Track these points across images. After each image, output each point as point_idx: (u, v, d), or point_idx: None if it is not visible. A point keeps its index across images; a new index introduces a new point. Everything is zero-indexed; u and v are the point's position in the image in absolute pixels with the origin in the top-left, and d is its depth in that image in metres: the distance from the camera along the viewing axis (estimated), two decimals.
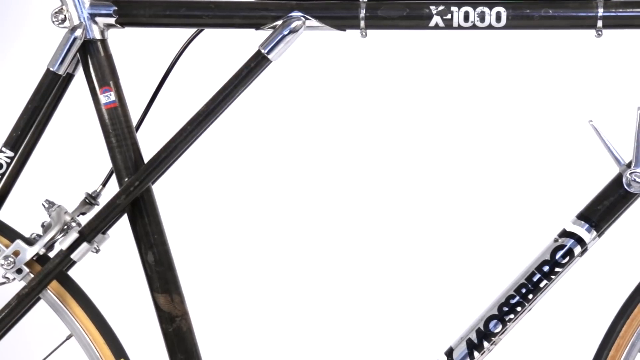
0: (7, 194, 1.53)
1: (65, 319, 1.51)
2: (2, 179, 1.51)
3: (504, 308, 1.44)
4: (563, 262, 1.43)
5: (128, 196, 1.47)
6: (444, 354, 1.47)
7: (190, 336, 1.51)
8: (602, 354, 1.45)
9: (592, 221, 1.42)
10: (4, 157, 1.51)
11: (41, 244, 1.49)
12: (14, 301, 1.48)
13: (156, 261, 1.50)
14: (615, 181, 1.42)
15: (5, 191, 1.53)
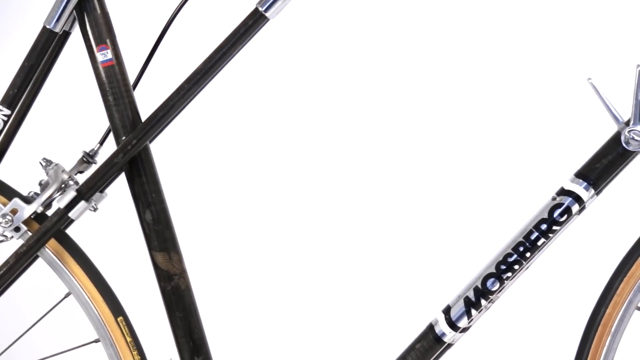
0: (4, 152, 1.53)
1: (64, 277, 1.51)
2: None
3: (502, 266, 1.44)
4: (561, 221, 1.43)
5: (126, 155, 1.47)
6: (442, 311, 1.47)
7: (188, 294, 1.52)
8: (599, 312, 1.45)
9: (590, 179, 1.42)
10: (0, 115, 1.50)
11: (39, 202, 1.49)
12: (12, 259, 1.48)
13: (154, 220, 1.50)
14: (614, 139, 1.42)
15: (2, 149, 1.52)
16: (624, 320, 1.44)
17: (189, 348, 1.51)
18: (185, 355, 1.51)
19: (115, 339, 1.51)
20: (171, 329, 1.52)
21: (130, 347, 1.52)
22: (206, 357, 1.52)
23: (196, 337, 1.51)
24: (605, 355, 1.45)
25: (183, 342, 1.51)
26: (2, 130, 1.50)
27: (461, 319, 1.45)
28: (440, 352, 1.48)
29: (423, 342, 1.47)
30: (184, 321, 1.51)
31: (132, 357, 1.52)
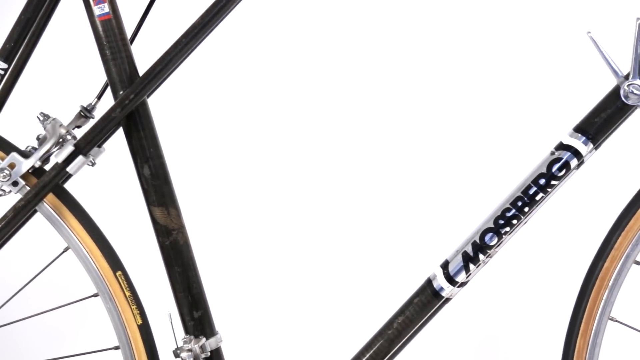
0: (1, 107, 1.52)
1: (62, 231, 1.52)
2: None
3: (500, 221, 1.45)
4: (559, 175, 1.43)
5: (123, 109, 1.47)
6: (440, 266, 1.47)
7: (186, 249, 1.52)
8: (597, 266, 1.46)
9: (588, 134, 1.42)
10: None
11: (37, 157, 1.48)
12: (10, 214, 1.48)
13: (152, 175, 1.50)
14: (613, 93, 1.41)
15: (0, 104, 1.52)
16: (622, 274, 1.44)
17: (188, 303, 1.51)
18: (184, 309, 1.52)
19: (114, 293, 1.52)
20: (170, 283, 1.52)
21: (129, 301, 1.52)
22: (205, 311, 1.52)
23: (195, 292, 1.52)
24: (602, 309, 1.46)
25: (182, 296, 1.52)
26: None
27: (459, 274, 1.46)
28: (439, 306, 1.48)
29: (421, 297, 1.48)
30: (182, 276, 1.51)
31: (131, 312, 1.52)
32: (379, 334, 1.50)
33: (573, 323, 1.48)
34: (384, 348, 1.49)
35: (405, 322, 1.49)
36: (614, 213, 1.47)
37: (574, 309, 1.48)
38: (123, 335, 1.53)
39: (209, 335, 1.52)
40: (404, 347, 1.50)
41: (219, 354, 1.54)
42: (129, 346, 1.53)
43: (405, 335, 1.49)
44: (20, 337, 2.36)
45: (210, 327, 1.53)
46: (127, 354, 1.53)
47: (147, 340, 1.53)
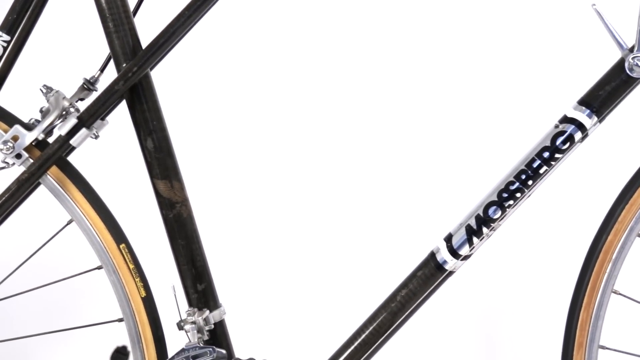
0: (4, 79, 1.52)
1: (66, 204, 1.52)
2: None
3: (504, 194, 1.45)
4: (563, 148, 1.43)
5: (126, 82, 1.46)
6: (443, 240, 1.48)
7: (190, 222, 1.52)
8: (600, 239, 1.46)
9: (593, 107, 1.41)
10: (0, 41, 1.49)
11: (40, 129, 1.48)
12: (14, 186, 1.49)
13: (155, 147, 1.49)
14: (618, 66, 1.41)
15: (2, 76, 1.52)
16: (625, 247, 1.45)
17: (192, 275, 1.52)
18: (188, 282, 1.52)
19: (118, 265, 1.52)
20: (173, 256, 1.53)
21: (133, 274, 1.53)
22: (209, 284, 1.52)
23: (198, 264, 1.52)
24: (606, 282, 1.46)
25: (185, 269, 1.52)
26: (1, 57, 1.50)
27: (463, 247, 1.46)
28: (442, 279, 1.48)
29: (424, 270, 1.48)
30: (186, 249, 1.51)
31: (135, 284, 1.52)
32: (382, 307, 1.51)
33: (576, 296, 1.48)
34: (387, 321, 1.50)
35: (408, 295, 1.49)
36: (617, 186, 1.47)
37: (577, 282, 1.48)
38: (127, 308, 1.53)
39: (212, 307, 1.52)
40: (407, 320, 1.51)
41: (222, 327, 1.54)
42: (133, 318, 1.53)
43: (408, 309, 1.49)
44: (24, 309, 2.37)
45: (213, 299, 1.53)
46: (130, 326, 1.54)
47: (150, 313, 1.54)
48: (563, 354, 1.50)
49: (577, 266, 1.48)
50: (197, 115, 2.68)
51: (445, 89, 2.60)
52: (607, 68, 1.42)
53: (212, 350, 1.47)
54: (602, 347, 1.49)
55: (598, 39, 1.61)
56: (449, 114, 2.61)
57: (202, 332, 1.49)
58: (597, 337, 1.48)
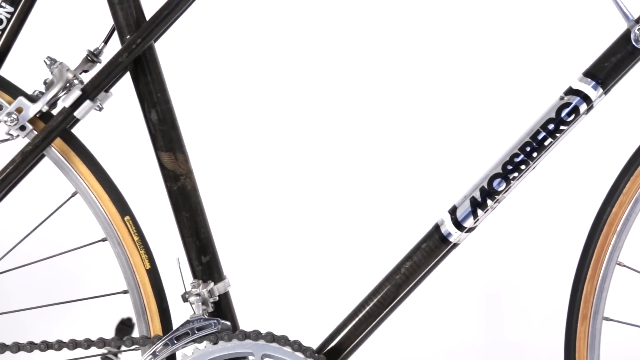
0: (8, 51, 1.52)
1: (70, 176, 1.52)
2: (3, 35, 1.50)
3: (508, 166, 1.44)
4: (568, 120, 1.42)
5: (130, 54, 1.46)
6: (448, 212, 1.47)
7: (194, 194, 1.52)
8: (605, 211, 1.46)
9: (598, 78, 1.41)
10: (3, 13, 1.49)
11: (44, 101, 1.48)
12: (18, 158, 1.48)
13: (159, 120, 1.49)
14: (623, 37, 1.40)
15: (6, 47, 1.51)
16: (630, 219, 1.45)
17: (196, 247, 1.52)
18: (192, 254, 1.52)
19: (122, 238, 1.52)
20: (178, 229, 1.53)
21: (137, 246, 1.53)
22: (213, 256, 1.53)
23: (203, 236, 1.52)
24: (610, 254, 1.46)
25: (190, 241, 1.52)
26: (5, 28, 1.49)
27: (467, 219, 1.46)
28: (446, 251, 1.49)
29: (429, 242, 1.48)
30: (190, 221, 1.51)
31: (139, 256, 1.53)
32: (387, 279, 1.51)
33: (580, 268, 1.49)
34: (391, 293, 1.50)
35: (412, 267, 1.49)
36: (622, 158, 1.46)
37: (582, 254, 1.48)
38: (131, 280, 1.54)
39: (217, 279, 1.52)
40: (411, 292, 1.51)
41: (227, 299, 1.54)
42: (138, 290, 1.54)
43: (412, 281, 1.50)
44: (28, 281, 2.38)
45: (218, 271, 1.53)
46: (135, 298, 1.54)
47: (155, 285, 1.54)
48: (567, 326, 1.51)
49: (581, 238, 1.48)
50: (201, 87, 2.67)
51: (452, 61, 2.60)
52: (613, 39, 1.42)
53: (217, 322, 1.48)
54: (606, 318, 1.50)
55: (604, 10, 1.60)
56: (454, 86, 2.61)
57: (207, 304, 1.50)
58: (602, 308, 1.48)
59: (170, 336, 1.48)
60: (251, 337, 1.47)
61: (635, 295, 2.32)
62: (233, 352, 1.47)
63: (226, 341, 1.47)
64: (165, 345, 1.48)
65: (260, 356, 1.47)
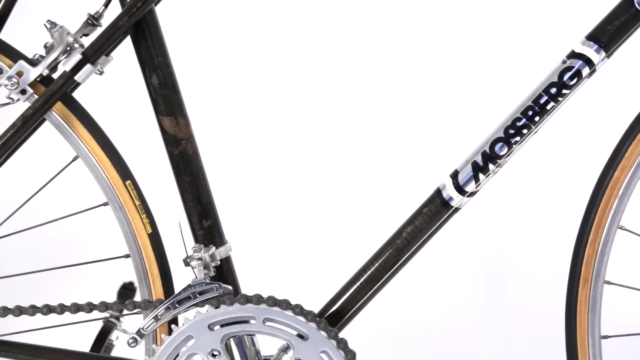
0: (8, 14, 1.51)
1: (71, 140, 1.51)
2: None
3: (510, 130, 1.44)
4: (571, 84, 1.42)
5: (131, 17, 1.45)
6: (449, 176, 1.47)
7: (196, 159, 1.52)
8: (607, 175, 1.46)
9: (601, 42, 1.40)
10: None
11: (44, 65, 1.48)
12: (19, 122, 1.48)
13: (160, 84, 1.49)
14: (626, 0, 1.40)
15: (6, 11, 1.50)
16: (632, 183, 1.45)
17: (198, 212, 1.52)
18: (194, 219, 1.52)
19: (124, 202, 1.52)
20: (179, 193, 1.53)
21: (139, 210, 1.53)
22: (214, 221, 1.53)
23: (204, 201, 1.52)
24: (612, 218, 1.46)
25: (191, 206, 1.52)
26: None
27: (469, 184, 1.46)
28: (448, 216, 1.49)
29: (430, 207, 1.48)
30: (192, 185, 1.51)
31: (141, 220, 1.53)
32: (388, 243, 1.51)
33: (582, 232, 1.49)
34: (392, 257, 1.50)
35: (414, 231, 1.49)
36: (625, 122, 1.46)
37: (584, 218, 1.49)
38: (133, 244, 1.54)
39: (218, 244, 1.53)
40: (412, 256, 1.51)
41: (228, 263, 1.55)
42: (139, 254, 1.54)
43: (414, 245, 1.50)
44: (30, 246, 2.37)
45: (219, 236, 1.53)
46: (137, 262, 1.54)
47: (157, 249, 1.54)
48: (568, 290, 1.51)
49: (583, 202, 1.48)
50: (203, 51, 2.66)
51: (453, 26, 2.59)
52: (616, 2, 1.41)
53: (219, 287, 1.48)
54: (607, 282, 1.50)
55: None
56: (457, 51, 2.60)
57: (209, 269, 1.50)
58: (603, 272, 1.49)
59: (172, 300, 1.48)
60: (253, 301, 1.47)
61: (636, 259, 2.33)
62: (235, 316, 1.48)
63: (228, 305, 1.47)
64: (167, 309, 1.48)
65: (262, 320, 1.47)
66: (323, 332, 1.47)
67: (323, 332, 1.47)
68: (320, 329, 1.47)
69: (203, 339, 1.48)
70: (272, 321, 1.48)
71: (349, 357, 1.47)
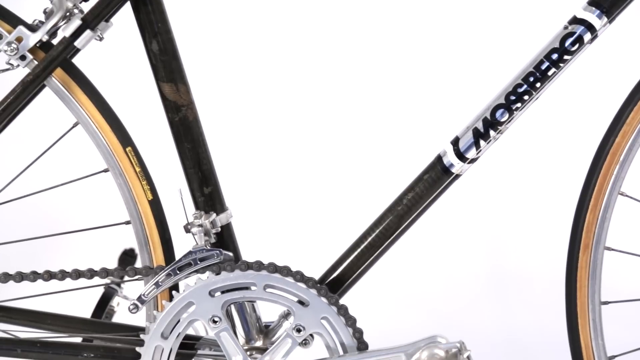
0: None
1: (71, 106, 1.51)
2: None
3: (511, 97, 1.44)
4: (572, 50, 1.41)
5: None
6: (450, 143, 1.47)
7: (196, 125, 1.52)
8: (608, 141, 1.46)
9: (603, 7, 1.40)
10: None
11: (44, 30, 1.47)
12: (19, 87, 1.48)
13: (160, 50, 1.48)
14: None
15: None
16: (633, 149, 1.44)
17: (198, 179, 1.52)
18: (195, 185, 1.52)
19: (124, 168, 1.52)
20: (180, 160, 1.53)
21: (139, 176, 1.53)
22: (215, 187, 1.53)
23: (205, 167, 1.52)
24: (613, 184, 1.46)
25: (192, 172, 1.52)
26: None
27: (469, 150, 1.46)
28: (448, 182, 1.48)
29: (431, 173, 1.48)
30: (192, 152, 1.51)
31: (142, 187, 1.53)
32: (389, 210, 1.51)
33: (583, 198, 1.49)
34: (393, 224, 1.50)
35: (415, 198, 1.49)
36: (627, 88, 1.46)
37: (584, 184, 1.48)
38: (134, 210, 1.54)
39: (219, 210, 1.53)
40: (413, 223, 1.51)
41: (229, 230, 1.55)
42: (140, 221, 1.54)
43: (414, 212, 1.50)
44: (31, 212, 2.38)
45: (220, 202, 1.53)
46: (138, 229, 1.55)
47: (157, 216, 1.54)
48: (569, 256, 1.51)
49: (584, 169, 1.48)
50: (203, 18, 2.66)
51: None
52: None
53: (219, 253, 1.48)
54: (607, 248, 1.50)
55: None
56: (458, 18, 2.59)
57: (209, 235, 1.50)
58: (603, 238, 1.49)
59: (172, 267, 1.49)
60: (253, 268, 1.47)
61: (637, 225, 2.33)
62: (235, 283, 1.48)
63: (228, 272, 1.47)
64: (168, 275, 1.48)
65: (263, 287, 1.47)
66: (324, 298, 1.47)
67: (324, 299, 1.47)
68: (321, 295, 1.47)
69: (204, 305, 1.48)
70: (273, 288, 1.48)
71: (350, 324, 1.47)
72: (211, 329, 1.49)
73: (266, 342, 1.56)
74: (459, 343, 1.43)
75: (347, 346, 1.48)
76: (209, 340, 1.56)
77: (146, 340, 1.50)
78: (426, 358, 1.43)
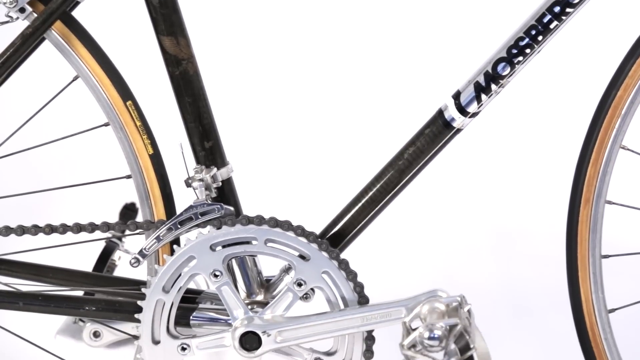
0: None
1: (71, 60, 1.51)
2: None
3: (513, 50, 1.43)
4: (574, 2, 1.40)
5: None
6: (451, 97, 1.47)
7: (196, 79, 1.51)
8: (609, 94, 1.46)
9: None
10: None
11: None
12: (18, 40, 1.47)
13: (160, 2, 1.47)
14: None
15: None
16: (635, 102, 1.44)
17: (199, 133, 1.52)
18: (195, 140, 1.52)
19: (125, 122, 1.52)
20: (180, 114, 1.52)
21: (140, 131, 1.52)
22: (216, 142, 1.52)
23: (205, 122, 1.52)
24: (614, 137, 1.46)
25: (192, 127, 1.52)
26: None
27: (471, 104, 1.45)
28: (450, 137, 1.48)
29: (432, 127, 1.48)
30: (193, 106, 1.51)
31: (142, 141, 1.53)
32: (390, 164, 1.51)
33: (584, 151, 1.49)
34: (394, 179, 1.50)
35: (415, 152, 1.49)
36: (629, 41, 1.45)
37: (586, 138, 1.48)
38: (135, 165, 1.54)
39: (220, 165, 1.52)
40: (414, 178, 1.51)
41: (230, 184, 1.55)
42: (141, 175, 1.54)
43: (415, 166, 1.50)
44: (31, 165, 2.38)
45: (221, 157, 1.53)
46: (139, 183, 1.55)
47: (158, 170, 1.54)
48: (570, 209, 1.51)
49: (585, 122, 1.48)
50: None
51: None
52: None
53: (220, 207, 1.48)
54: (608, 202, 1.50)
55: None
56: None
57: (210, 190, 1.50)
58: (604, 192, 1.49)
59: (173, 221, 1.49)
60: (254, 222, 1.48)
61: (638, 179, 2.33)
62: (236, 237, 1.48)
63: (229, 226, 1.47)
64: (169, 229, 1.49)
65: (264, 241, 1.48)
66: (324, 253, 1.47)
67: (324, 253, 1.47)
68: (322, 249, 1.47)
69: (205, 259, 1.48)
70: (274, 242, 1.48)
71: (350, 278, 1.47)
72: (212, 283, 1.49)
73: (267, 296, 1.57)
74: (459, 297, 1.44)
75: (348, 300, 1.48)
76: (210, 295, 1.56)
77: (147, 294, 1.50)
78: (427, 312, 1.43)
